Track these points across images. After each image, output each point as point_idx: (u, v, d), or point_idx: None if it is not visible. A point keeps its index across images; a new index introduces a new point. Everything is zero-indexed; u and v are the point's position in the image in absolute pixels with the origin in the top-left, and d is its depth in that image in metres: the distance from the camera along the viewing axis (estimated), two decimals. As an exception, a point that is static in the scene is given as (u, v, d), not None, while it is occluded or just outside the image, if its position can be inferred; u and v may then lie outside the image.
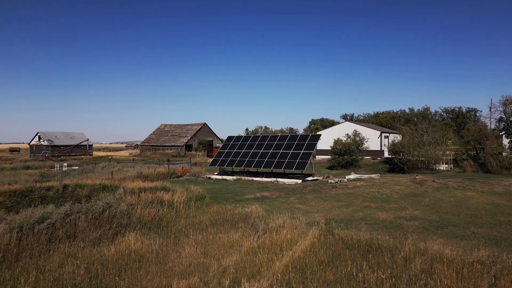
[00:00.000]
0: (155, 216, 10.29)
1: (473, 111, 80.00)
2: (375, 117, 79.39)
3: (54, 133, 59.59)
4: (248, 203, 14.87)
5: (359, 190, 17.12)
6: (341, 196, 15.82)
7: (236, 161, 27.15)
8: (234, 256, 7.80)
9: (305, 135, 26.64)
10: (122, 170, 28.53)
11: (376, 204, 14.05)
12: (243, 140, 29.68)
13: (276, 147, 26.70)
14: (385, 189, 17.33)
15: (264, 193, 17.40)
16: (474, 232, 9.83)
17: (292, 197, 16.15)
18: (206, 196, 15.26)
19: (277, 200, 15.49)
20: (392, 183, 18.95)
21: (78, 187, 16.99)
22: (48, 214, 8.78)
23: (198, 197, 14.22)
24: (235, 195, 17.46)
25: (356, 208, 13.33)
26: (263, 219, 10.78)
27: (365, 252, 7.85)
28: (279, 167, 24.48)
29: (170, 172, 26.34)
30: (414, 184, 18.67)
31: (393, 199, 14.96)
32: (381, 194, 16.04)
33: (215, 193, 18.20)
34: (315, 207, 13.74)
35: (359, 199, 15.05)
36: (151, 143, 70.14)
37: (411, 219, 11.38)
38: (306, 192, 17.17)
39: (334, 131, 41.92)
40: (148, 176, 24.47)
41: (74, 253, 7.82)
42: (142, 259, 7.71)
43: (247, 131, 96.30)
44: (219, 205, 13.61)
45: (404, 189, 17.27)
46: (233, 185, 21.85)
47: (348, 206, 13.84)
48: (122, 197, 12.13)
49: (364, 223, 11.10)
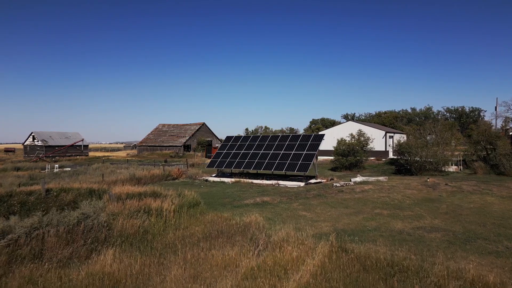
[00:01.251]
0: (140, 228, 8.94)
1: (476, 110, 78.64)
2: (378, 116, 77.96)
3: (48, 133, 58.06)
4: (247, 210, 13.54)
5: (367, 195, 15.77)
6: (349, 202, 14.47)
7: (235, 162, 25.79)
8: (229, 280, 6.47)
9: (308, 135, 25.29)
10: (115, 171, 27.17)
11: (388, 211, 12.71)
12: (242, 140, 28.33)
13: (277, 147, 25.35)
14: (395, 193, 15.99)
15: (264, 197, 16.05)
16: (508, 247, 8.48)
17: (295, 202, 14.81)
18: (201, 202, 13.91)
19: (278, 206, 14.15)
20: (402, 187, 17.61)
21: (62, 192, 15.62)
22: (10, 227, 7.41)
23: (192, 204, 12.88)
24: (233, 200, 16.12)
25: (367, 216, 11.99)
26: (264, 230, 9.45)
27: (387, 275, 6.51)
28: (280, 169, 23.14)
29: (165, 174, 24.98)
30: (426, 188, 17.32)
31: (407, 205, 13.61)
32: (392, 200, 14.70)
33: (211, 198, 16.86)
34: (322, 215, 12.40)
35: (369, 205, 13.71)
36: (149, 143, 68.77)
37: (432, 230, 10.03)
38: (310, 197, 15.82)
39: (336, 131, 40.53)
40: (141, 178, 23.12)
41: (35, 279, 6.46)
42: (117, 285, 6.37)
43: (247, 131, 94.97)
44: (214, 213, 12.26)
45: (416, 194, 15.93)
46: (231, 188, 20.52)
47: (358, 213, 12.49)
48: (106, 204, 10.80)
49: (378, 234, 9.76)
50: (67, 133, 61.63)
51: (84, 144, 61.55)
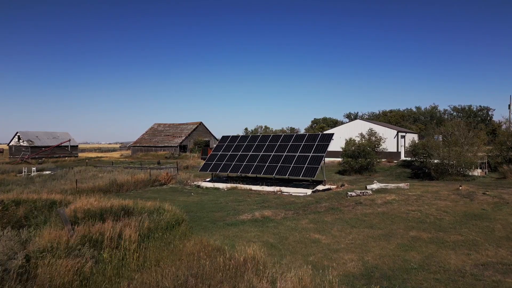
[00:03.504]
0: (77, 274, 5.89)
1: (485, 109, 75.53)
2: (383, 115, 74.76)
3: (35, 133, 54.68)
4: (243, 230, 10.52)
5: (393, 208, 12.74)
6: (373, 219, 11.44)
7: (231, 165, 22.75)
8: None
9: (314, 135, 22.26)
10: (96, 176, 24.12)
11: (428, 233, 9.68)
12: (240, 141, 25.28)
13: (279, 148, 22.32)
14: (426, 206, 12.96)
15: (265, 211, 13.02)
16: None
17: (304, 219, 11.77)
18: (184, 219, 10.88)
19: (283, 225, 11.11)
20: (431, 197, 14.58)
21: (13, 204, 12.57)
22: None
23: (171, 224, 9.84)
24: (226, 214, 13.10)
25: (403, 243, 8.96)
26: (265, 272, 6.42)
27: None
28: (283, 173, 20.10)
29: (152, 179, 21.93)
30: (461, 198, 14.29)
31: (448, 224, 10.58)
32: (426, 215, 11.66)
33: (200, 210, 13.84)
34: (341, 239, 9.36)
35: (400, 225, 10.67)
36: (143, 144, 65.65)
37: (508, 270, 6.99)
38: (322, 211, 12.78)
39: (343, 130, 37.39)
40: (123, 185, 20.07)
41: None
42: None
43: (246, 131, 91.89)
44: (199, 237, 9.24)
45: (452, 206, 12.89)
46: (226, 196, 17.49)
47: (389, 237, 9.47)
48: (42, 233, 7.78)
49: (432, 278, 6.73)
50: (56, 133, 58.20)
51: (72, 144, 58.06)
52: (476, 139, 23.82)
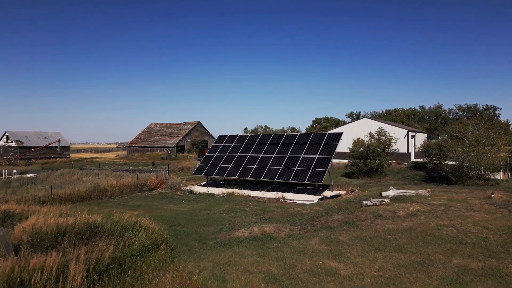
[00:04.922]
0: None
1: (491, 108, 73.40)
2: (388, 115, 72.50)
3: (24, 132, 52.34)
4: (238, 254, 8.35)
5: (420, 223, 10.57)
6: (399, 238, 9.26)
7: (228, 168, 20.59)
8: None
9: (321, 134, 20.11)
10: (80, 179, 21.96)
11: (477, 261, 7.51)
12: (238, 141, 23.12)
13: (281, 149, 20.16)
14: (459, 219, 10.80)
15: (266, 226, 10.86)
16: None
17: (314, 237, 9.60)
18: (165, 240, 8.69)
19: (289, 245, 8.95)
20: (461, 207, 12.42)
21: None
22: None
23: (146, 249, 7.67)
24: (219, 229, 10.94)
25: (449, 276, 6.80)
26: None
27: None
28: (286, 177, 17.95)
29: (140, 184, 19.77)
30: (497, 209, 12.13)
31: (497, 247, 8.41)
32: (464, 233, 9.49)
33: (189, 224, 11.67)
34: (366, 270, 7.19)
35: (437, 247, 8.49)
36: (139, 144, 63.47)
37: None
38: (335, 227, 10.60)
39: (348, 130, 35.21)
40: (106, 190, 17.91)
41: None
42: None
43: (246, 131, 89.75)
44: (182, 265, 7.09)
45: (490, 220, 10.72)
46: (221, 204, 15.33)
47: (427, 266, 7.29)
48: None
49: None
50: (47, 133, 55.82)
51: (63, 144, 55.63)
52: (497, 139, 21.67)
